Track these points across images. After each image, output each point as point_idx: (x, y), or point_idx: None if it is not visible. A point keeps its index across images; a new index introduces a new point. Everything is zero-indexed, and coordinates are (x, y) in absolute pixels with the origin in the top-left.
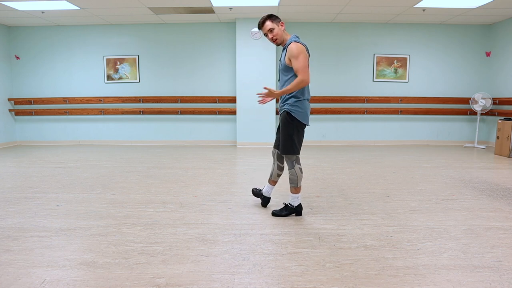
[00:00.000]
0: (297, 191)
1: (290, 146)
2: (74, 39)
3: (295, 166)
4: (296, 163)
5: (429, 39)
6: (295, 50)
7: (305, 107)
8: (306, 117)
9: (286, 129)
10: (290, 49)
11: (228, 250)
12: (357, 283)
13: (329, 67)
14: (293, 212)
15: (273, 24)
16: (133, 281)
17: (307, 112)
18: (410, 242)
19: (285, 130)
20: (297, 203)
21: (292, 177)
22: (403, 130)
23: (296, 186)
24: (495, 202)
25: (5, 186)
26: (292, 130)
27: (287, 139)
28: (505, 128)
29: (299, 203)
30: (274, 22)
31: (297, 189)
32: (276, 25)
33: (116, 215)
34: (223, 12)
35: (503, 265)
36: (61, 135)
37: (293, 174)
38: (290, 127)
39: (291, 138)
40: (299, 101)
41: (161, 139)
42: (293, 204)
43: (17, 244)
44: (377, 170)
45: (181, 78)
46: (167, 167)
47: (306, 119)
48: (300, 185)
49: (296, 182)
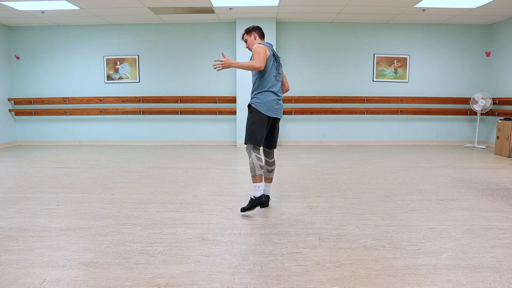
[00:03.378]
0: (256, 180)
1: (248, 135)
2: (74, 39)
3: (252, 154)
4: (253, 151)
5: (429, 39)
6: (255, 47)
7: (266, 99)
8: (267, 108)
9: (247, 120)
10: (252, 48)
11: (228, 250)
12: (357, 283)
13: (329, 67)
14: (257, 204)
15: (247, 36)
16: (133, 281)
17: (268, 104)
18: (410, 242)
19: (247, 120)
20: (258, 193)
21: (250, 165)
22: (403, 130)
23: (254, 175)
24: (495, 202)
25: (5, 186)
26: (250, 120)
27: (247, 128)
28: (505, 128)
29: (261, 193)
30: (248, 34)
31: (255, 178)
32: (249, 36)
33: (116, 215)
34: (223, 12)
35: (503, 265)
36: (61, 135)
37: (250, 162)
38: (250, 118)
39: (250, 127)
40: (260, 93)
41: (161, 139)
42: (255, 195)
43: (17, 244)
44: (377, 170)
45: (181, 78)
46: (167, 167)
47: (267, 111)
48: (258, 174)
49: (254, 170)
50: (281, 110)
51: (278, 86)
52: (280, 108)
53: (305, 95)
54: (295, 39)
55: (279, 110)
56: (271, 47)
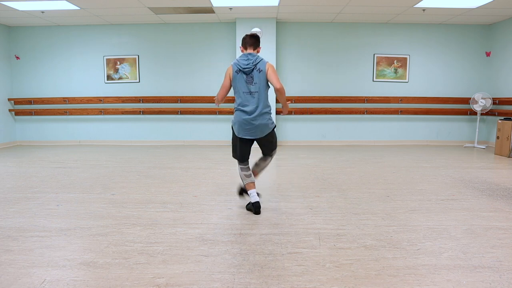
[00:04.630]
0: (248, 187)
1: (232, 150)
2: (74, 39)
3: (238, 167)
4: (238, 164)
5: (429, 39)
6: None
7: (236, 118)
8: (238, 129)
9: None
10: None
11: (228, 250)
12: (357, 283)
13: (329, 67)
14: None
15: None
16: (133, 281)
17: (238, 124)
18: (410, 242)
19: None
20: (252, 199)
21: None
22: (403, 130)
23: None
24: (495, 202)
25: (5, 186)
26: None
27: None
28: (505, 128)
29: (253, 201)
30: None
31: (247, 186)
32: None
33: (116, 215)
34: (223, 12)
35: (503, 265)
36: (61, 135)
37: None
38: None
39: (231, 144)
40: (235, 112)
41: (161, 139)
42: (250, 200)
43: (17, 244)
44: (377, 170)
45: (181, 78)
46: (167, 167)
47: (238, 131)
48: (246, 183)
49: (242, 181)
50: (258, 130)
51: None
52: (254, 128)
53: (305, 95)
54: (295, 39)
55: (253, 130)
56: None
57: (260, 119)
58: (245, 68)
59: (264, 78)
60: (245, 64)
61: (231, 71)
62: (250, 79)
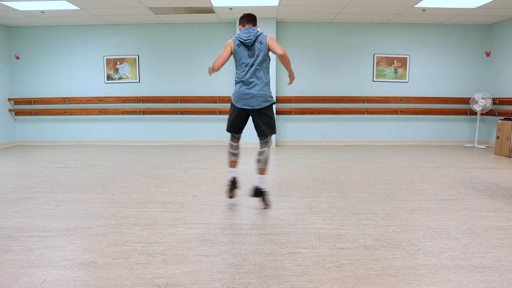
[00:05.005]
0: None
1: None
2: (74, 39)
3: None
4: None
5: (429, 39)
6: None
7: (235, 89)
8: (235, 98)
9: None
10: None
11: (228, 250)
12: (357, 283)
13: (329, 67)
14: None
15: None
16: (133, 281)
17: (236, 94)
18: (410, 242)
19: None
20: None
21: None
22: (403, 130)
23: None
24: (495, 202)
25: (5, 186)
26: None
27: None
28: (505, 128)
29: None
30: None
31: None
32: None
33: (116, 215)
34: (223, 12)
35: (503, 265)
36: (61, 135)
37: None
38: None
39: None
40: (235, 85)
41: (161, 139)
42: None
43: (17, 244)
44: (377, 170)
45: (181, 78)
46: (167, 167)
47: (236, 101)
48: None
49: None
50: (255, 100)
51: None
52: (252, 97)
53: (305, 95)
54: (295, 39)
55: (251, 99)
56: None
57: (258, 89)
58: (246, 40)
59: (265, 51)
60: (247, 36)
61: (232, 44)
62: (252, 52)
